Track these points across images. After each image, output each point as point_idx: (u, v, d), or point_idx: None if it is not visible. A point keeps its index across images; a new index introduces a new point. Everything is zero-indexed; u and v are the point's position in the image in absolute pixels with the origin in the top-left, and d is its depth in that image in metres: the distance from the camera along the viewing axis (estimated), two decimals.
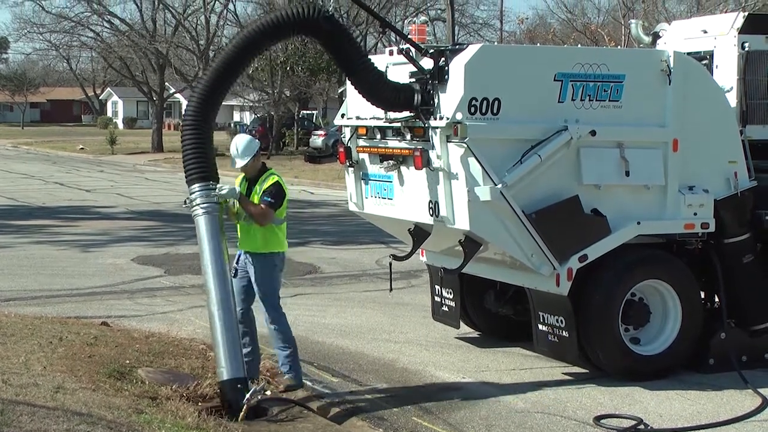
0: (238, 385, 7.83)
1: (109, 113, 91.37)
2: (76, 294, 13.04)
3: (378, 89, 8.62)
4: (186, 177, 8.33)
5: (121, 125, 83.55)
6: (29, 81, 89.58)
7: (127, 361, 8.64)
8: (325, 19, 8.34)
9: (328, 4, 8.73)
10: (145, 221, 22.05)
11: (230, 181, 8.70)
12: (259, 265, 8.65)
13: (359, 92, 8.69)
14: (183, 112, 8.48)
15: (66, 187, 31.17)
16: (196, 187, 8.23)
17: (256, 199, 8.57)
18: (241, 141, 8.68)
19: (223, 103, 8.67)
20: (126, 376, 8.22)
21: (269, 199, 8.51)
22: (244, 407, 7.71)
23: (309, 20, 8.28)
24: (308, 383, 8.77)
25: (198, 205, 8.22)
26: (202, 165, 8.24)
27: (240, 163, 8.63)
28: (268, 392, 8.17)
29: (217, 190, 8.25)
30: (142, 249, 17.25)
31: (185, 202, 8.37)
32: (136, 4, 53.02)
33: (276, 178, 8.65)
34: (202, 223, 8.22)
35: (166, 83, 57.42)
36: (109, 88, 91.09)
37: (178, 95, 69.53)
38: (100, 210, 24.33)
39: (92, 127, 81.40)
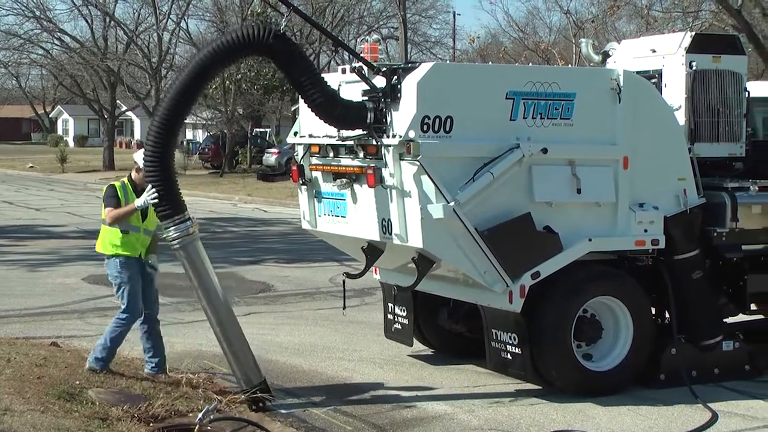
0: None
1: (60, 131, 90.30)
2: (25, 314, 12.85)
3: (330, 107, 8.65)
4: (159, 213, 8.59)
5: (71, 143, 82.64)
6: None
7: (77, 382, 8.52)
8: (276, 38, 8.37)
9: (280, 23, 8.74)
10: (95, 240, 21.73)
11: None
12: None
13: (311, 110, 8.71)
14: (145, 141, 8.60)
15: (15, 205, 30.76)
16: (170, 222, 8.50)
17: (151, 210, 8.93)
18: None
19: None
20: (76, 397, 8.11)
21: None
22: (196, 427, 7.64)
23: (260, 41, 8.33)
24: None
25: (178, 239, 8.51)
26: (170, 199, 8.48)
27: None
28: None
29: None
30: (93, 268, 17.02)
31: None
32: (87, 22, 52.55)
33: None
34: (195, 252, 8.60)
35: (118, 101, 56.96)
36: (59, 106, 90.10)
37: (129, 113, 69.06)
38: (49, 229, 24.02)
39: (42, 145, 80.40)
